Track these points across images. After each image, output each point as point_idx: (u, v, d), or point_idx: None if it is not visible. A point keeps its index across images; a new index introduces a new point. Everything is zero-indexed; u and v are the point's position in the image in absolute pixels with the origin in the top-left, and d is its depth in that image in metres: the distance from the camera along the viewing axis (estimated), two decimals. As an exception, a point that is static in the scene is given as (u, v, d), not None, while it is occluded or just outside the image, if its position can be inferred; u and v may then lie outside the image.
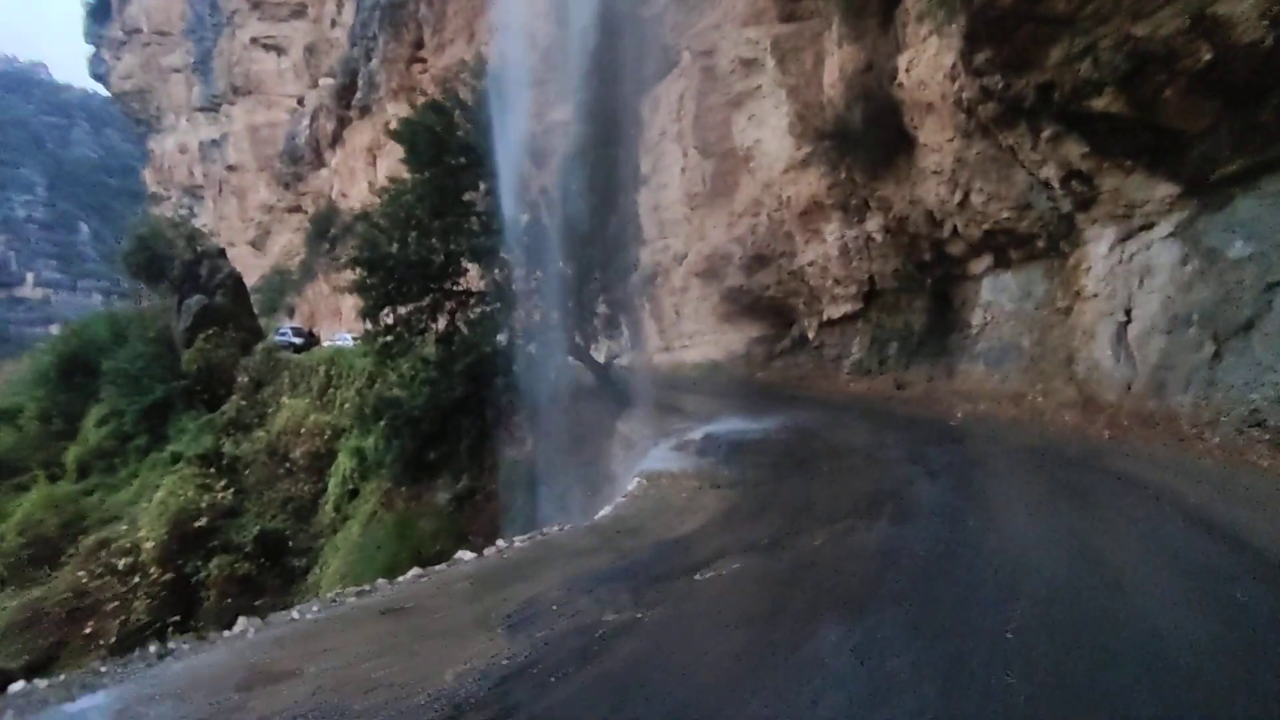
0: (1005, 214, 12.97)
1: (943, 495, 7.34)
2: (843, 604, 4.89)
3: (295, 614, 5.63)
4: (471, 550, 7.23)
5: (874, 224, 16.58)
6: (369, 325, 17.32)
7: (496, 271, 17.28)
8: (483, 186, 18.12)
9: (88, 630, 20.38)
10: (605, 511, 7.73)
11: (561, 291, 18.43)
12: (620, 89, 28.56)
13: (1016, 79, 10.47)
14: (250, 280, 46.60)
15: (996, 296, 14.76)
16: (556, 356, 17.98)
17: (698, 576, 5.58)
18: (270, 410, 27.12)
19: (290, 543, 22.72)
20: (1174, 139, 9.38)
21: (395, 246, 16.34)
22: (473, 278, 18.33)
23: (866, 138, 14.80)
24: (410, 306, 17.33)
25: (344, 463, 23.07)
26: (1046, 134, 10.82)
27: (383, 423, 18.51)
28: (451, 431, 17.55)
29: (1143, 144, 9.89)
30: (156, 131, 67.34)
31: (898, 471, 8.38)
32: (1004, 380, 13.80)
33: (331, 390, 26.67)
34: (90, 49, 66.74)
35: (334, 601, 5.87)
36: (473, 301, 17.79)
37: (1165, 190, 10.00)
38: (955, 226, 14.24)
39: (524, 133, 21.87)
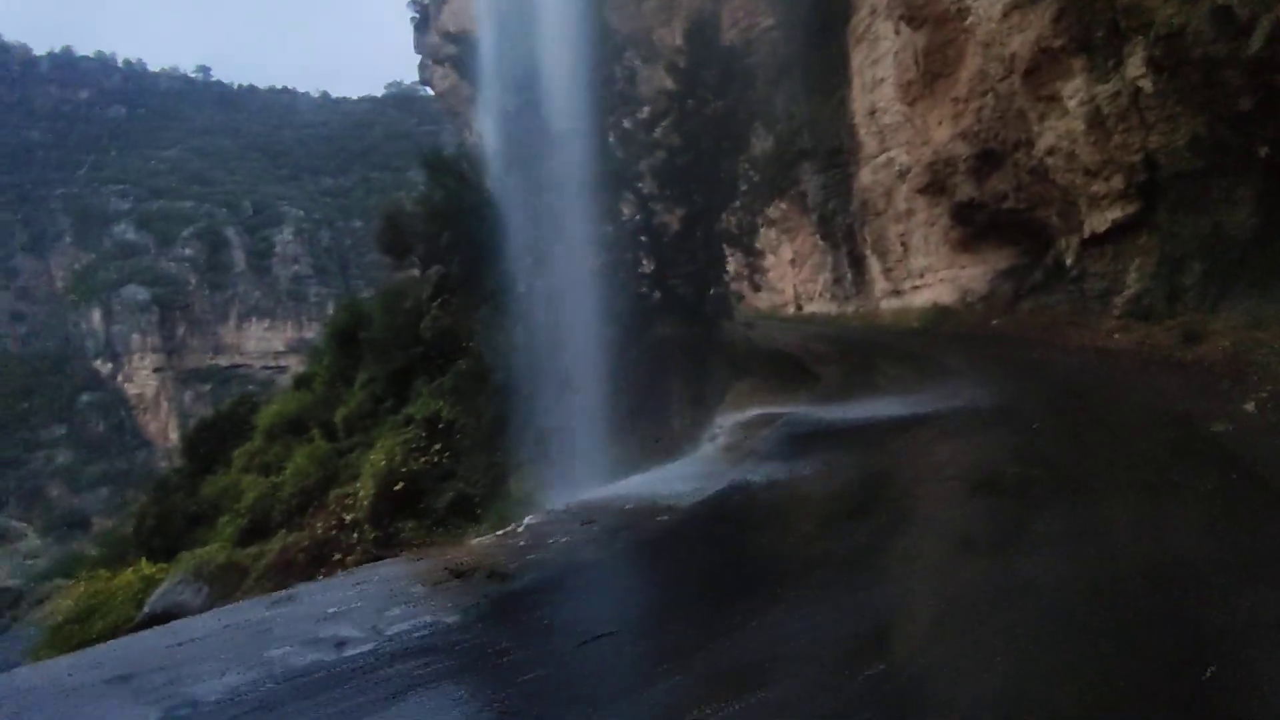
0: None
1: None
2: None
3: None
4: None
5: (1135, 64, 9.67)
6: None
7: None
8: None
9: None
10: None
11: (697, 230, 14.77)
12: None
13: None
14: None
15: (1403, 158, 7.44)
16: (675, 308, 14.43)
17: None
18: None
19: (479, 510, 22.74)
20: None
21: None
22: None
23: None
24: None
25: (524, 431, 22.29)
26: None
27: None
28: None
29: None
30: (467, 124, 76.08)
31: (886, 591, 3.52)
32: (1406, 327, 6.82)
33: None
34: (418, 57, 77.23)
35: None
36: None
37: None
38: (1288, 28, 7.29)
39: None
